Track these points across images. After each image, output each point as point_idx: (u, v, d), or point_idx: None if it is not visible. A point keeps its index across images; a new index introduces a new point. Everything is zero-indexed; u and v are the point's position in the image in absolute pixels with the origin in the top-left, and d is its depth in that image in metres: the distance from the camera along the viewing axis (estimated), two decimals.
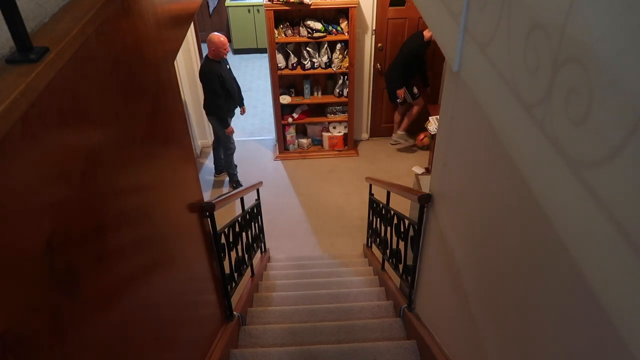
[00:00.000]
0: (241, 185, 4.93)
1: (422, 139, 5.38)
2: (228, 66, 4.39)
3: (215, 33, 4.18)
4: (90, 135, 1.04)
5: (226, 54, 4.23)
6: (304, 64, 4.87)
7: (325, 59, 4.87)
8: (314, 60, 4.87)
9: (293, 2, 4.43)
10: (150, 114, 1.51)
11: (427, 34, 4.64)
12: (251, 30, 7.69)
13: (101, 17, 1.09)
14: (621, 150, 0.61)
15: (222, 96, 4.30)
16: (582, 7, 0.71)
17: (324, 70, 4.92)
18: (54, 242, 0.84)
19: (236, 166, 4.94)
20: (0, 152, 0.70)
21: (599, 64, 0.66)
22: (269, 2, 4.48)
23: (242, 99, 4.67)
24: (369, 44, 5.04)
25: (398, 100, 5.08)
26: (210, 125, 5.69)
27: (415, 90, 5.09)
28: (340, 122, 5.33)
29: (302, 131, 5.52)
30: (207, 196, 4.70)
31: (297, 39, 4.72)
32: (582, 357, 0.83)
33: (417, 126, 5.36)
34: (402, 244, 2.54)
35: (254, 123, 6.25)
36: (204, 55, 4.36)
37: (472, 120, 1.43)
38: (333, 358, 2.25)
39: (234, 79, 4.50)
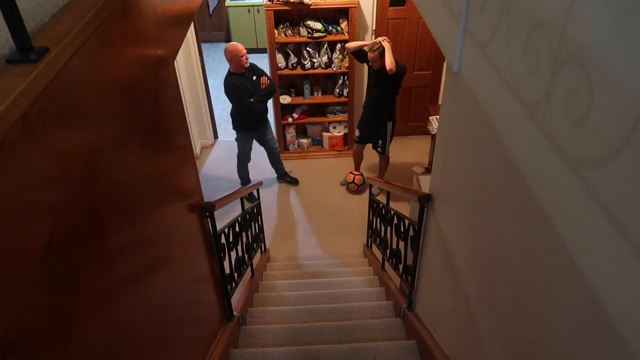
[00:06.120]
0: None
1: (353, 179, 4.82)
2: (255, 77, 4.12)
3: (231, 43, 3.98)
4: (90, 135, 1.04)
5: (247, 63, 3.99)
6: (304, 64, 4.87)
7: (325, 59, 4.87)
8: (314, 60, 4.87)
9: (293, 2, 4.42)
10: (150, 114, 1.51)
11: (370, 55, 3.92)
12: (251, 30, 7.69)
13: (101, 17, 1.09)
14: (621, 151, 0.61)
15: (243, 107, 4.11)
16: (582, 7, 0.71)
17: (324, 70, 4.91)
18: (54, 242, 0.84)
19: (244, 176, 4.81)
20: (0, 152, 0.70)
21: (599, 64, 0.66)
22: (269, 2, 4.47)
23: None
24: None
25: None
26: (211, 126, 5.70)
27: (357, 132, 4.55)
28: (340, 122, 5.32)
29: (302, 131, 5.52)
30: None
31: (297, 39, 4.72)
32: (581, 357, 0.83)
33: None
34: (402, 244, 2.54)
35: None
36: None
37: (472, 120, 1.43)
38: (333, 358, 2.25)
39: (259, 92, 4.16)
